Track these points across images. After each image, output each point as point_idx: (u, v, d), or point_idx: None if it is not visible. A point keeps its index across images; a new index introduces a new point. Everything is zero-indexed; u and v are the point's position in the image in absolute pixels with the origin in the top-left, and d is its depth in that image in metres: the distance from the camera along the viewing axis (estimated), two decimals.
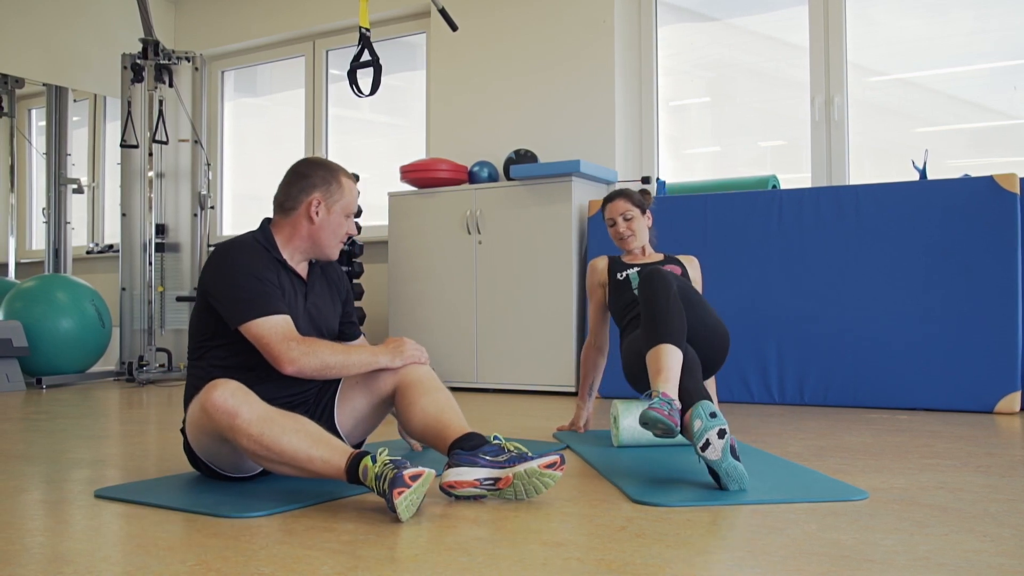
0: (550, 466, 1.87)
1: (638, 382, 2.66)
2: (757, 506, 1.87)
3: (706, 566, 1.43)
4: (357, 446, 2.29)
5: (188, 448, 2.15)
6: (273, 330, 2.01)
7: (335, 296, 2.33)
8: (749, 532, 1.66)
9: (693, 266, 3.00)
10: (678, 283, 2.43)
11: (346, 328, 2.35)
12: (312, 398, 2.23)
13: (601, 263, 3.04)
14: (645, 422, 2.06)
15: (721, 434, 1.95)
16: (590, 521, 1.76)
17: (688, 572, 1.40)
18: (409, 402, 2.08)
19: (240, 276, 2.05)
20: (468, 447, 1.92)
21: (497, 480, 1.87)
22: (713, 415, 1.97)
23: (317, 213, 2.15)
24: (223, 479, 2.13)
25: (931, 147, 4.06)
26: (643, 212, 2.97)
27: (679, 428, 2.06)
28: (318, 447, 1.86)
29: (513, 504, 1.89)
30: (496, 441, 1.94)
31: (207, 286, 2.10)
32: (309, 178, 2.17)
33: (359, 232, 4.99)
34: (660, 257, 3.00)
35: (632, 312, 2.79)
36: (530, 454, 1.91)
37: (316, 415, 2.17)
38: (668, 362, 2.21)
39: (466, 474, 1.87)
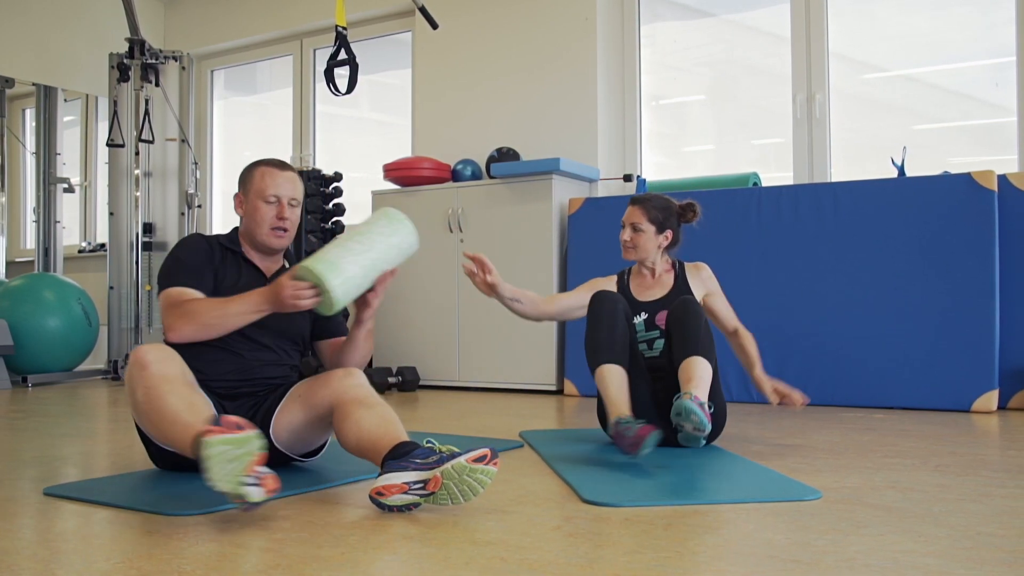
0: (479, 459, 1.74)
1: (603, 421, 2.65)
2: (701, 506, 1.86)
3: (628, 566, 1.42)
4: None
5: (139, 431, 2.17)
6: (166, 301, 2.16)
7: None
8: (684, 532, 1.65)
9: (700, 278, 2.81)
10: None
11: (334, 327, 2.41)
12: (261, 398, 2.23)
13: (608, 286, 2.81)
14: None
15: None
16: (528, 520, 1.75)
17: (608, 572, 1.39)
18: (343, 416, 1.99)
19: (166, 264, 2.25)
20: (398, 455, 1.83)
21: (426, 482, 1.75)
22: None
23: (241, 207, 2.32)
24: (170, 467, 2.19)
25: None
26: (659, 231, 2.74)
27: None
28: (191, 412, 1.87)
29: (459, 505, 1.82)
30: (428, 444, 1.84)
31: None
32: (239, 181, 2.36)
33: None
34: (668, 289, 2.77)
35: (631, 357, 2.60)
36: (461, 451, 1.80)
37: (258, 417, 2.17)
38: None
39: (394, 479, 1.77)
